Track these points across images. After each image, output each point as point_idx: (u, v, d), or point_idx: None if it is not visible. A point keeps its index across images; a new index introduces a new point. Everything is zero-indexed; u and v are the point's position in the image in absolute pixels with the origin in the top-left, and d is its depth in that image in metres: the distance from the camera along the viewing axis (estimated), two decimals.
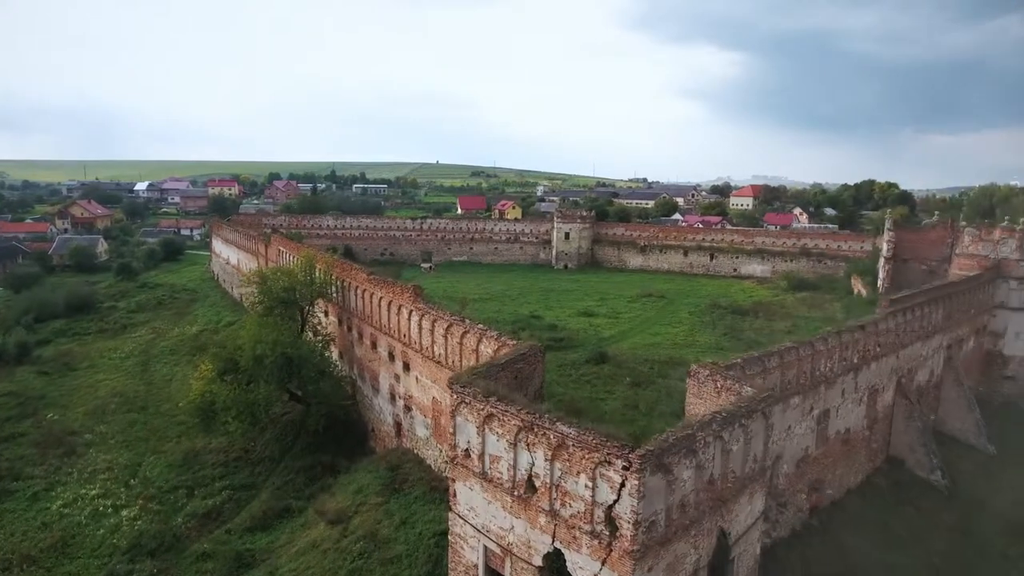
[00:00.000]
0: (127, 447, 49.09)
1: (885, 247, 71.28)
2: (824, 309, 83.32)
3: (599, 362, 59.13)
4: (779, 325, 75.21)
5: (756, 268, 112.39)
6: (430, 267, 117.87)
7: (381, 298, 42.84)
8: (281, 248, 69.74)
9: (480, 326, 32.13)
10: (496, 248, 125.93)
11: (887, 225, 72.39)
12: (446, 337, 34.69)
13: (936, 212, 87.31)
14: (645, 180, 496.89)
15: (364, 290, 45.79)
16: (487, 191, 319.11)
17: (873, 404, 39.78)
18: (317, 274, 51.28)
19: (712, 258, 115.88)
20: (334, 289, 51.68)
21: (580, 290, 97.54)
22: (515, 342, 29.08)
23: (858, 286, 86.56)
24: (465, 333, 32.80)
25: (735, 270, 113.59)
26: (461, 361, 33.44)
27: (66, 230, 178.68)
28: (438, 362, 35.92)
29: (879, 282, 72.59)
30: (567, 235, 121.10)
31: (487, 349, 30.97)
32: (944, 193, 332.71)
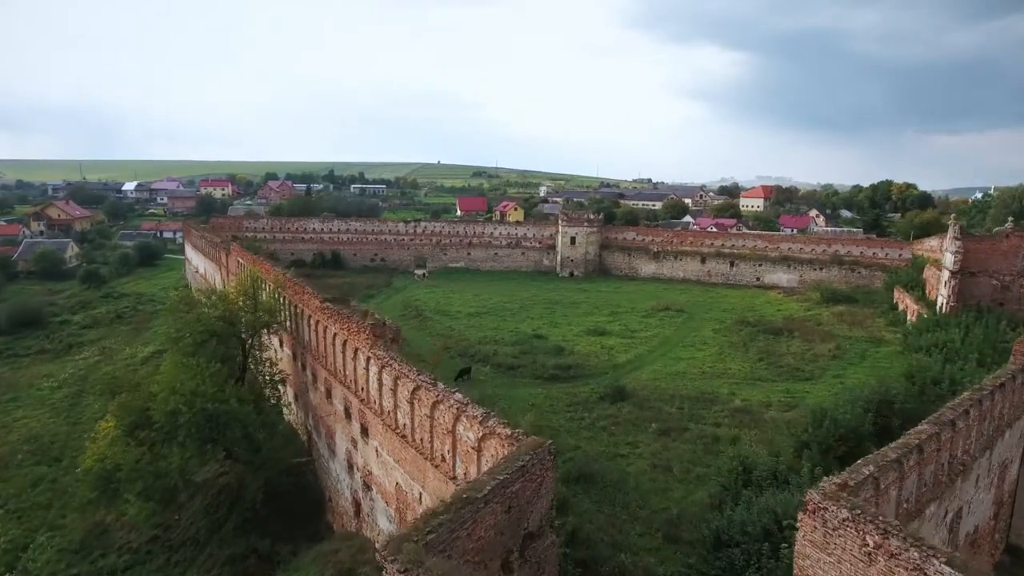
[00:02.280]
0: (19, 518, 38.46)
1: (950, 259, 60.50)
2: (867, 327, 73.19)
3: (616, 399, 49.54)
4: (821, 348, 65.00)
5: (782, 277, 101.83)
6: (423, 274, 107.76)
7: (336, 335, 32.28)
8: (240, 259, 59.25)
9: (459, 396, 21.49)
10: (496, 254, 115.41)
11: (952, 233, 61.56)
12: (412, 403, 24.12)
13: (1011, 219, 76.24)
14: (650, 180, 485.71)
15: (317, 321, 35.24)
16: (489, 192, 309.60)
17: (1001, 484, 29.23)
18: (263, 297, 40.61)
19: (732, 266, 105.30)
20: (286, 315, 41.14)
21: (589, 302, 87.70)
22: (510, 431, 18.46)
23: (905, 300, 76.22)
24: (437, 403, 22.20)
25: (758, 279, 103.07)
26: (432, 441, 22.89)
27: (41, 232, 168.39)
28: (403, 436, 25.34)
29: (942, 299, 61.82)
30: (573, 240, 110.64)
31: (468, 433, 20.41)
32: (950, 194, 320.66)
